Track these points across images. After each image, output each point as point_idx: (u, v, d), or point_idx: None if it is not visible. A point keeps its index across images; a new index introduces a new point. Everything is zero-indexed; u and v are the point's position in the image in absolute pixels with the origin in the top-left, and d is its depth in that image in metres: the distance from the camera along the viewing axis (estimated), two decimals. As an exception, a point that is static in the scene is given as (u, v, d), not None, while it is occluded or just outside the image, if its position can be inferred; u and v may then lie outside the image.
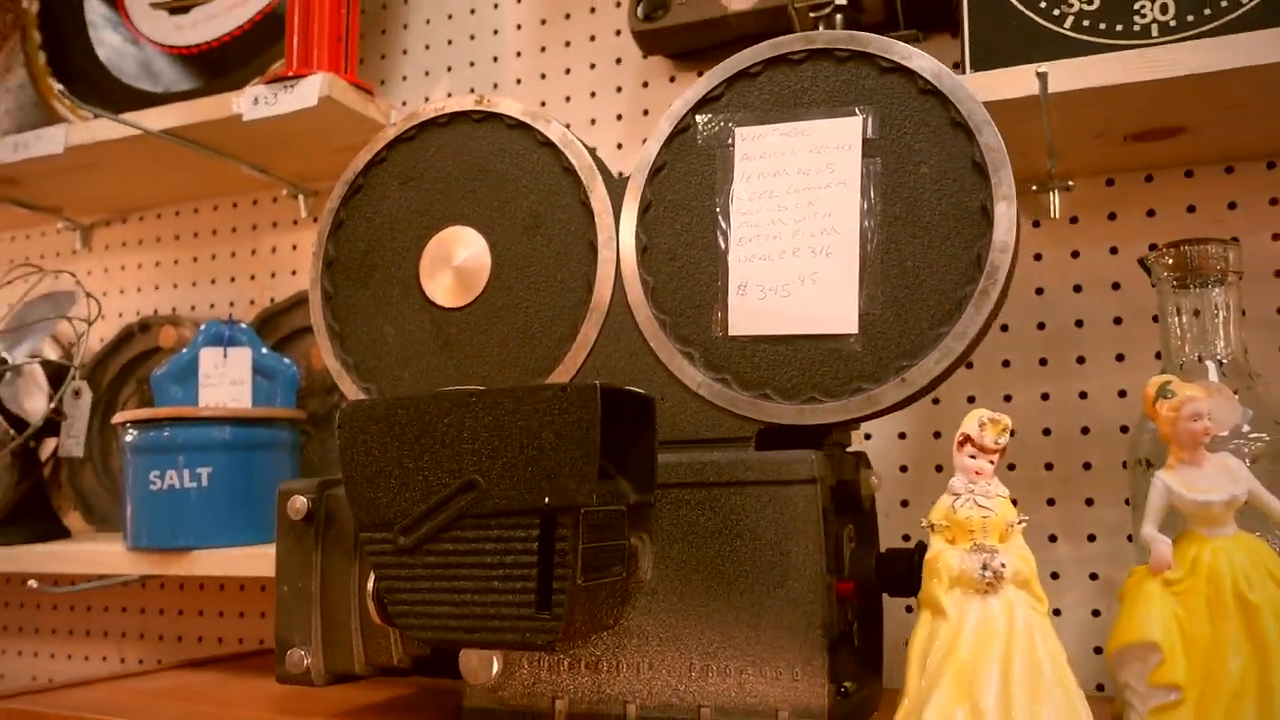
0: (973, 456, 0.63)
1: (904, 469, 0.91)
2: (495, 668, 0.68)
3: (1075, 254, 0.87)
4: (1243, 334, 0.72)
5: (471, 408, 0.62)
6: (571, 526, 0.59)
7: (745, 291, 0.71)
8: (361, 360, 0.82)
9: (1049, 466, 0.86)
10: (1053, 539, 0.85)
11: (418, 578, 0.62)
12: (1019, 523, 0.62)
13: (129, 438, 0.96)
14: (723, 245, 0.71)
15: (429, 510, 0.62)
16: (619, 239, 0.74)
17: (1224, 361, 0.72)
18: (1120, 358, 0.85)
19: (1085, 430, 0.85)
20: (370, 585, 0.67)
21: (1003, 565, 0.60)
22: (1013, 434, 0.63)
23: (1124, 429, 0.83)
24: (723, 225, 0.72)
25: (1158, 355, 0.83)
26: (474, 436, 0.61)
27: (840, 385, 0.68)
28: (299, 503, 0.76)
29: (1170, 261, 0.74)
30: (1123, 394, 0.84)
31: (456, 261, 0.79)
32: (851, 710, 0.68)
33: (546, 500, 0.59)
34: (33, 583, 0.95)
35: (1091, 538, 0.84)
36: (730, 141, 0.72)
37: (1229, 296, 0.73)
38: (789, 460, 0.66)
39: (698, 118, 0.74)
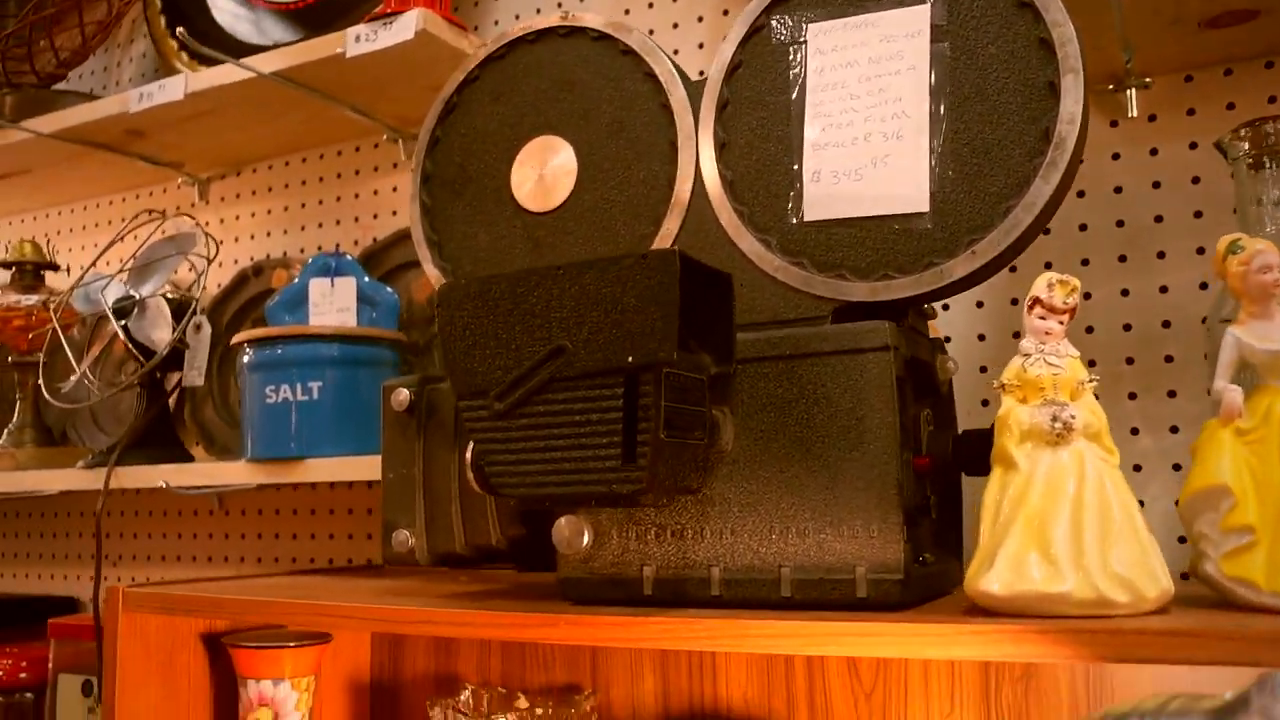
0: (1042, 318, 0.65)
1: (981, 337, 0.93)
2: (586, 538, 0.72)
3: (1154, 151, 0.88)
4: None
5: (558, 280, 0.66)
6: (654, 384, 0.63)
7: (819, 178, 0.73)
8: (458, 266, 0.87)
9: (1129, 361, 0.87)
10: (1134, 432, 0.86)
11: (512, 439, 0.67)
12: (1090, 381, 0.64)
13: (247, 357, 1.03)
14: (797, 137, 0.74)
15: (521, 376, 0.66)
16: (698, 137, 0.78)
17: (1301, 239, 0.72)
18: (1200, 251, 0.85)
19: (1166, 324, 0.86)
20: (469, 453, 0.71)
21: (1073, 417, 0.62)
22: (1086, 295, 0.64)
23: (1205, 321, 0.84)
24: (797, 118, 0.74)
25: (1239, 246, 0.83)
26: (561, 306, 0.65)
27: (912, 261, 0.70)
28: (402, 395, 0.82)
29: (1247, 143, 0.74)
30: (1203, 286, 0.85)
31: (545, 169, 0.83)
32: (930, 578, 0.70)
33: (630, 359, 0.63)
34: (163, 482, 1.03)
35: (1174, 429, 0.85)
36: (803, 38, 0.75)
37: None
38: (863, 329, 0.68)
39: (772, 18, 0.77)
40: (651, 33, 1.11)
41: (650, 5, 1.12)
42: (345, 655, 1.08)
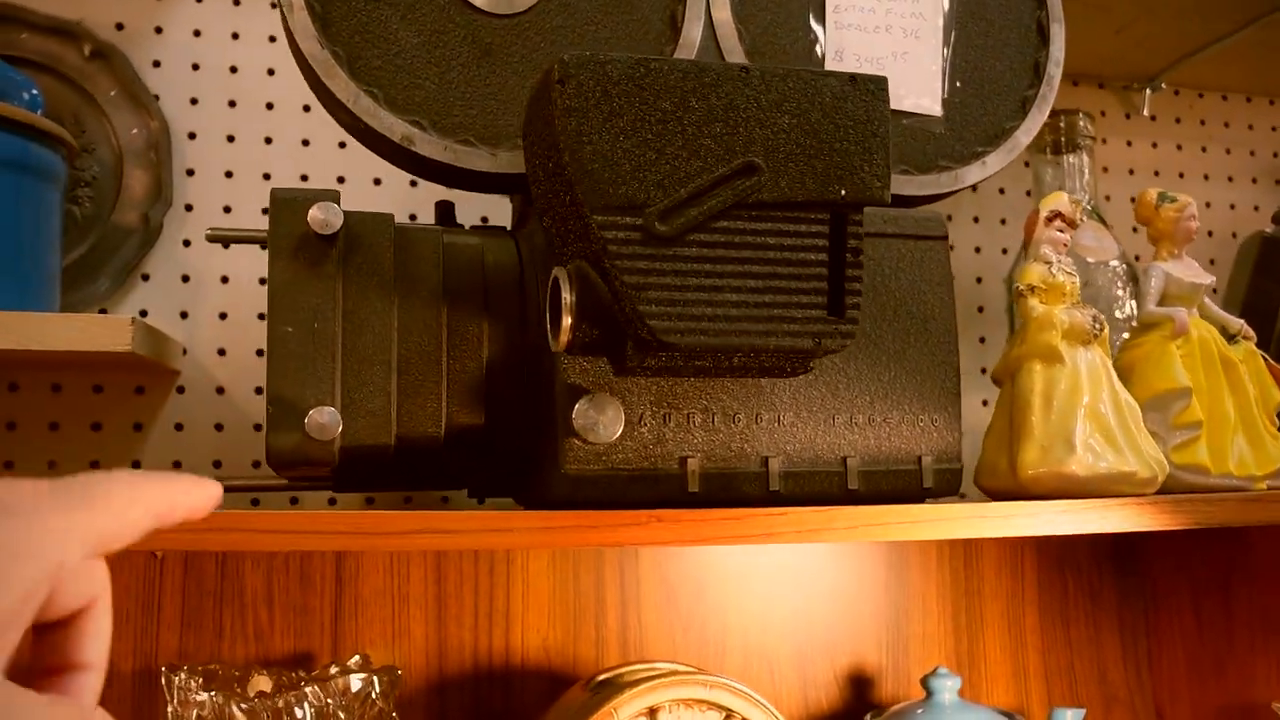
0: (1061, 230, 0.71)
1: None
2: (620, 426, 0.58)
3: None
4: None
5: (744, 82, 0.53)
6: (859, 226, 0.54)
7: (842, 58, 0.70)
8: (357, 55, 0.62)
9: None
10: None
11: (680, 272, 0.51)
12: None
13: None
14: (816, 6, 0.70)
15: (695, 194, 0.52)
16: (709, -23, 0.68)
17: (1089, 209, 0.89)
18: (975, 219, 0.99)
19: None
20: (567, 276, 0.52)
21: (1104, 320, 0.69)
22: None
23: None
24: (814, -11, 0.70)
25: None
26: (748, 117, 0.53)
27: (928, 162, 0.71)
28: (327, 213, 0.56)
29: (1048, 130, 0.89)
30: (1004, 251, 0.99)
31: (505, -41, 0.65)
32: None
33: (843, 193, 0.54)
34: None
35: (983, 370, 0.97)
36: (821, -92, 0.71)
37: (1088, 157, 0.90)
38: (924, 216, 0.67)
39: (787, -124, 0.71)
40: None
41: None
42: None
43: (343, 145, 0.86)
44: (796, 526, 0.57)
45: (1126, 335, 0.79)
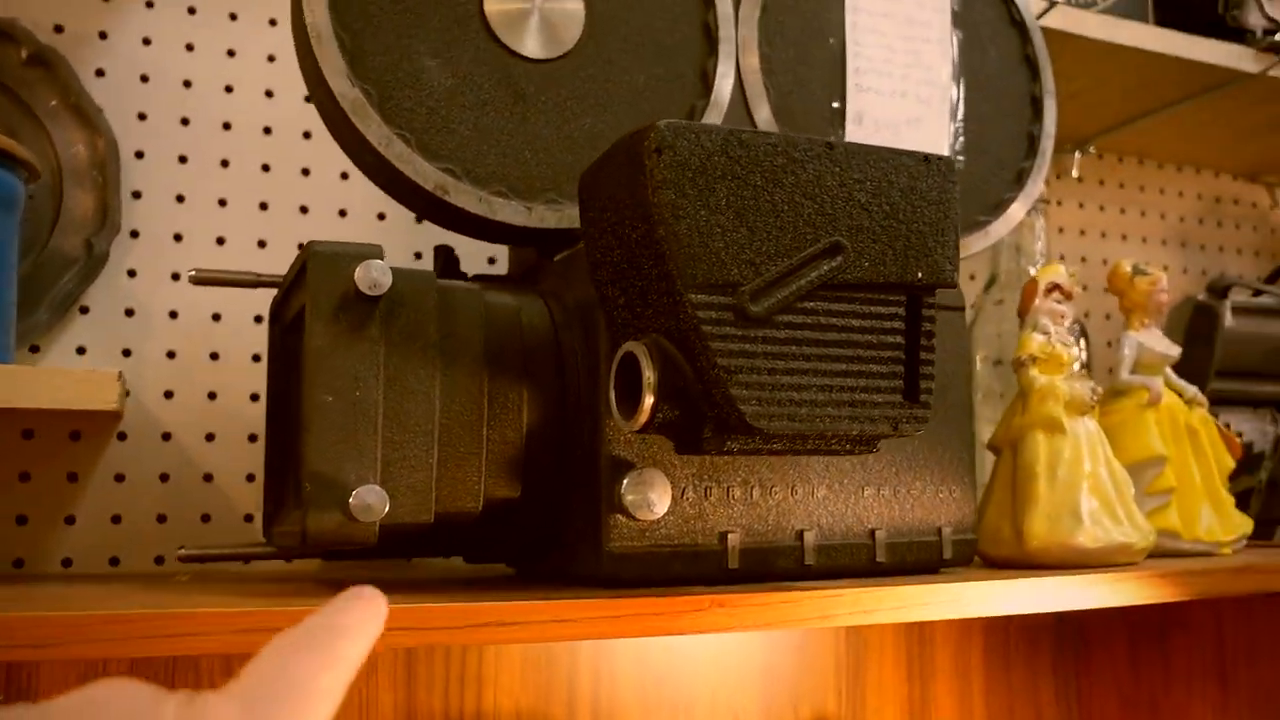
0: (1059, 301, 0.73)
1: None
2: (668, 501, 0.56)
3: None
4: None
5: (832, 159, 0.52)
6: (931, 309, 0.54)
7: (862, 122, 0.70)
8: (388, 95, 0.58)
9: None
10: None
11: (769, 354, 0.50)
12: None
13: None
14: (837, 73, 0.69)
15: (784, 274, 0.50)
16: (738, 33, 0.67)
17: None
18: None
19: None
20: (646, 352, 0.49)
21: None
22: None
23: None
24: (837, 47, 0.70)
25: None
26: (834, 195, 0.52)
27: (937, 229, 0.71)
28: (376, 271, 0.51)
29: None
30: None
31: (541, 1, 0.62)
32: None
33: (920, 276, 0.53)
34: None
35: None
36: (840, -28, 0.71)
37: (1042, 220, 0.94)
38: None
39: (808, -65, 0.70)
40: None
41: None
42: None
43: (306, 172, 0.80)
44: (850, 608, 0.56)
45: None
